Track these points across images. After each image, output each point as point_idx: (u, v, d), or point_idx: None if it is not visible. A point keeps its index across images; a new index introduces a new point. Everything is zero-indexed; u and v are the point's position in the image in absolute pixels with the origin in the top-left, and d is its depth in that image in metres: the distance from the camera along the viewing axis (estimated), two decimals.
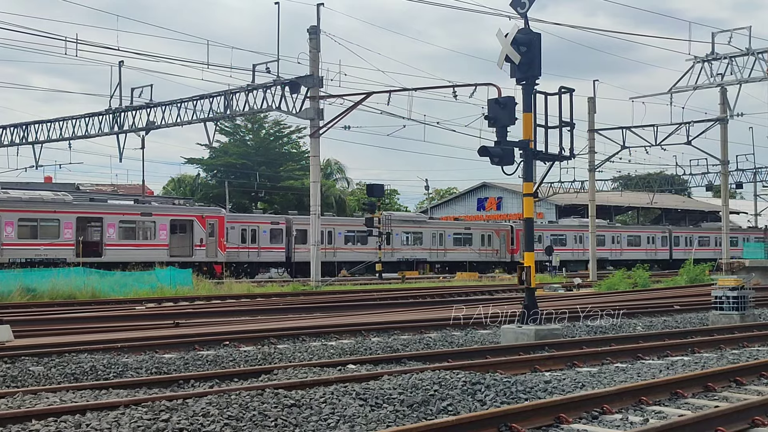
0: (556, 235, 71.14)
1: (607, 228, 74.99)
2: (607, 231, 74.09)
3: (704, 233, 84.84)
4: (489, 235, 67.07)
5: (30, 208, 42.75)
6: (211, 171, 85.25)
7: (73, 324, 20.23)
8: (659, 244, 79.23)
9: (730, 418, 8.75)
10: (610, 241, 74.21)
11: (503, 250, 67.42)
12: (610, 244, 74.20)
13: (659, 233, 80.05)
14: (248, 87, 39.51)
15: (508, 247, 67.62)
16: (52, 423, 8.28)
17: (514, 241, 67.42)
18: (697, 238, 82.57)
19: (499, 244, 67.16)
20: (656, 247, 78.74)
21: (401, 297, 31.70)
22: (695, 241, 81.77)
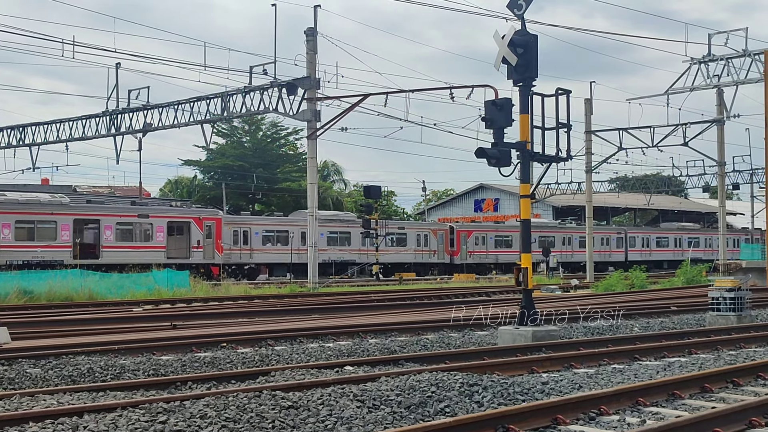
0: (501, 236, 68.58)
1: (558, 229, 72.90)
2: (557, 232, 72.04)
3: (662, 234, 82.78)
4: (426, 235, 64.05)
5: (27, 210, 42.72)
6: (208, 173, 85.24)
7: (70, 326, 20.21)
8: (614, 246, 76.51)
9: (727, 419, 8.75)
10: (560, 242, 71.71)
11: (441, 251, 64.40)
12: (560, 245, 71.46)
13: (614, 234, 77.41)
14: (245, 89, 39.53)
15: (447, 248, 64.70)
16: (49, 425, 8.27)
17: (454, 242, 64.82)
18: (654, 239, 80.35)
19: (437, 245, 63.96)
20: (611, 248, 75.80)
21: (398, 298, 31.69)
22: (653, 242, 79.90)
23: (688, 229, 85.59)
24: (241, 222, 53.93)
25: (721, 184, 55.43)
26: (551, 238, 70.50)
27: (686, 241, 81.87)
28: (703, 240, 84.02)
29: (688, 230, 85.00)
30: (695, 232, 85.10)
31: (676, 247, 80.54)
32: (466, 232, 66.15)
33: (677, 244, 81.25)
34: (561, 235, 72.09)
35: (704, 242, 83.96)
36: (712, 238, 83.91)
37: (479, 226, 70.66)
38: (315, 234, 39.82)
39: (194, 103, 41.49)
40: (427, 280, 55.09)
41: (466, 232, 66.20)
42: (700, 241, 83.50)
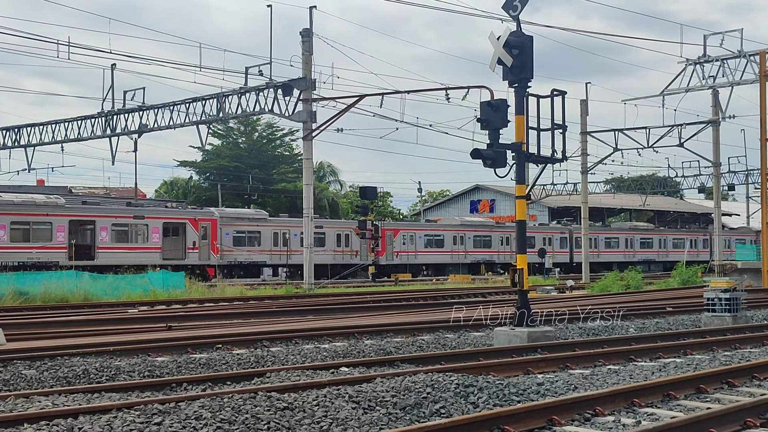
0: (432, 235, 64.68)
1: (494, 228, 69.54)
2: (493, 232, 68.72)
3: (612, 234, 78.63)
4: (347, 234, 59.41)
5: (22, 211, 42.67)
6: (204, 174, 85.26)
7: (65, 327, 20.18)
8: (557, 246, 72.64)
9: (723, 420, 8.77)
10: (498, 242, 68.49)
11: (365, 252, 59.96)
12: (498, 245, 68.34)
13: (557, 234, 73.32)
14: (241, 90, 39.50)
15: (370, 248, 60.03)
16: (44, 427, 8.26)
17: (379, 242, 60.47)
18: (603, 240, 75.96)
19: (360, 245, 59.69)
20: (554, 249, 71.64)
21: (394, 299, 31.69)
22: (601, 242, 75.60)
23: (640, 229, 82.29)
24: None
25: (717, 185, 55.52)
26: (488, 238, 67.63)
27: (638, 242, 79.05)
28: (657, 240, 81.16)
29: (641, 230, 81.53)
30: (649, 233, 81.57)
31: (627, 248, 77.01)
32: (392, 231, 62.30)
33: (628, 245, 78.07)
34: (498, 235, 68.88)
35: (659, 243, 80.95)
36: (668, 238, 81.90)
37: (407, 225, 66.66)
38: (311, 235, 39.80)
39: (190, 104, 41.46)
40: (422, 281, 55.00)
41: (393, 231, 62.38)
42: (654, 241, 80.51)
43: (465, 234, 65.92)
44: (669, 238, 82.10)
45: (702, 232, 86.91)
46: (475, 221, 70.87)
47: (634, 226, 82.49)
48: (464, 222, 68.65)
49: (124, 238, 46.53)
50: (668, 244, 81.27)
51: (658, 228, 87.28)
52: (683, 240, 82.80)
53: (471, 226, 67.94)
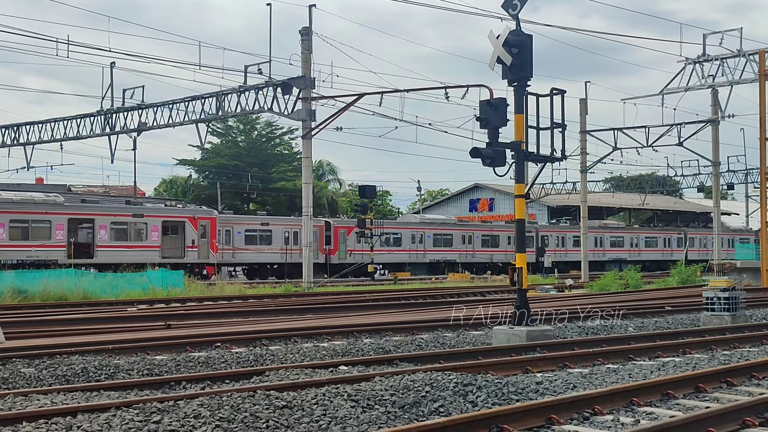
0: (389, 233, 61.08)
1: (459, 226, 67.30)
2: (455, 230, 66.21)
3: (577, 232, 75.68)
4: (296, 232, 55.17)
5: (21, 210, 42.65)
6: (203, 172, 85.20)
7: (64, 325, 20.19)
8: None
9: (721, 419, 8.76)
10: (459, 241, 65.50)
11: (315, 250, 55.29)
12: (460, 244, 65.41)
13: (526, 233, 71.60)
14: (240, 88, 39.50)
15: (321, 247, 56.83)
16: (42, 425, 8.26)
17: (331, 240, 57.66)
18: (571, 238, 72.61)
19: None
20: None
21: (393, 298, 31.69)
22: (569, 241, 72.63)
23: (611, 227, 79.78)
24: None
25: (716, 184, 55.52)
26: (449, 236, 65.03)
27: (609, 241, 76.72)
28: (629, 239, 78.32)
29: (611, 229, 78.95)
30: (620, 231, 79.26)
31: (596, 247, 73.84)
32: (345, 228, 58.80)
33: (598, 243, 74.94)
34: (460, 233, 66.14)
35: (630, 242, 78.46)
36: (640, 237, 79.97)
37: (344, 223, 61.85)
38: (310, 234, 39.80)
39: (189, 102, 41.45)
40: (421, 279, 54.97)
41: (346, 228, 58.83)
42: (625, 240, 77.75)
43: (424, 232, 63.23)
44: (641, 237, 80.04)
45: (677, 231, 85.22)
46: (435, 219, 68.16)
47: (604, 224, 79.68)
48: (424, 220, 66.13)
49: (123, 236, 46.51)
50: (641, 242, 79.38)
51: (630, 226, 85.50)
52: (656, 239, 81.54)
53: (431, 224, 65.36)
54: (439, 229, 65.15)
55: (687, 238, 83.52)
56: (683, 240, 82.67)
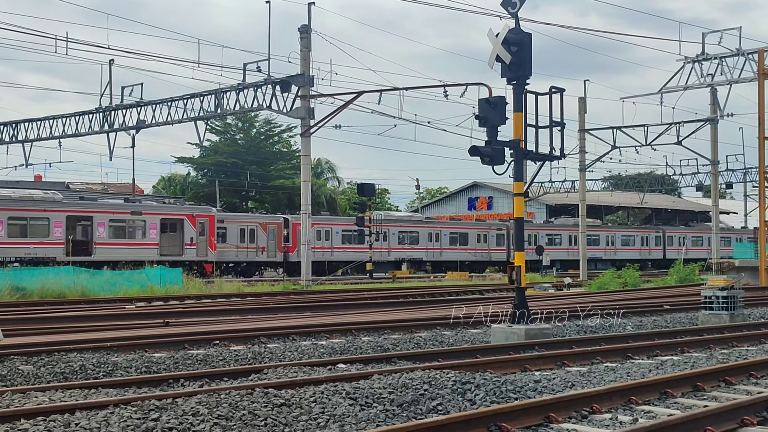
0: (349, 230, 58.97)
1: (426, 224, 65.35)
2: (422, 227, 64.22)
3: (555, 230, 74.26)
4: (252, 229, 54.50)
5: (20, 207, 42.65)
6: (202, 170, 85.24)
7: (62, 323, 20.18)
8: (494, 243, 68.29)
9: (720, 418, 8.76)
10: (426, 239, 63.78)
11: (273, 248, 55.51)
12: (426, 242, 63.74)
13: (494, 230, 68.73)
14: (239, 86, 39.49)
15: (280, 245, 55.57)
16: (41, 422, 8.25)
17: (289, 238, 55.80)
18: (545, 236, 71.79)
19: (267, 241, 55.10)
20: (489, 246, 67.79)
21: (392, 296, 31.69)
22: (542, 239, 70.87)
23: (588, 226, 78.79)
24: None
25: (715, 183, 55.50)
26: (415, 234, 63.11)
27: (619, 239, 77.00)
28: (604, 237, 76.47)
29: (588, 227, 75.32)
30: (595, 229, 75.75)
31: (570, 245, 72.36)
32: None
33: (572, 242, 72.70)
34: (426, 231, 63.94)
35: (606, 240, 76.64)
36: (617, 235, 78.29)
37: (322, 219, 59.95)
38: (308, 232, 39.79)
39: (188, 100, 41.42)
40: (419, 278, 55.00)
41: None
42: (600, 239, 75.58)
43: (388, 230, 61.07)
44: (618, 235, 78.59)
45: (655, 230, 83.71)
46: (402, 216, 66.59)
47: (575, 223, 76.11)
48: (388, 216, 64.05)
49: (122, 233, 46.50)
50: (617, 241, 77.82)
51: (605, 224, 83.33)
52: (633, 237, 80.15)
53: (395, 221, 63.41)
54: (405, 226, 63.09)
55: (666, 236, 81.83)
56: (661, 239, 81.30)
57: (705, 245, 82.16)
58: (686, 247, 78.89)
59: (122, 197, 51.47)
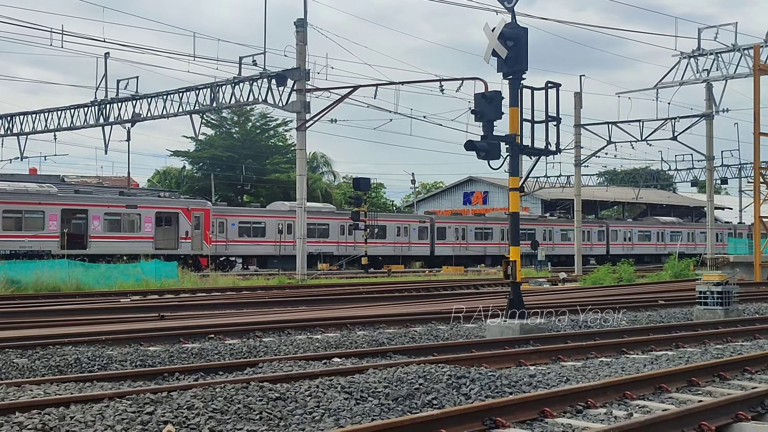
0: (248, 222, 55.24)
1: (334, 215, 61.06)
2: (332, 219, 60.22)
3: (486, 224, 70.69)
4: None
5: (14, 200, 42.58)
6: (197, 163, 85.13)
7: (57, 316, 20.16)
8: (415, 237, 64.51)
9: (714, 413, 8.77)
10: (337, 231, 59.85)
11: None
12: (338, 235, 59.92)
13: (416, 222, 65.29)
14: (235, 79, 39.45)
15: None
16: (36, 415, 8.24)
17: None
18: (473, 230, 68.24)
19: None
20: (410, 240, 64.21)
21: (387, 291, 31.70)
22: (470, 234, 67.83)
23: (551, 221, 76.22)
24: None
25: (710, 179, 55.60)
26: (324, 227, 59.77)
27: (559, 234, 73.18)
28: (545, 232, 72.80)
29: (557, 222, 75.17)
30: (531, 223, 72.32)
31: (503, 240, 68.78)
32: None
33: (502, 236, 69.56)
34: (338, 222, 60.38)
35: (548, 235, 73.02)
36: (554, 229, 74.22)
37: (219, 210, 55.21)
38: (304, 226, 39.79)
39: (183, 93, 41.39)
40: (415, 272, 55.02)
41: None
42: (536, 233, 70.79)
43: (293, 222, 53.49)
44: (556, 230, 74.45)
45: (598, 224, 79.08)
46: (311, 207, 59.70)
47: (527, 216, 74.58)
48: (292, 208, 55.24)
49: (117, 227, 46.45)
50: (555, 236, 74.18)
51: (543, 217, 79.33)
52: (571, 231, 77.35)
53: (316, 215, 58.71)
54: (313, 218, 57.15)
55: (609, 231, 78.37)
56: (604, 233, 77.44)
57: (653, 240, 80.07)
58: (633, 243, 77.57)
59: (117, 191, 51.38)
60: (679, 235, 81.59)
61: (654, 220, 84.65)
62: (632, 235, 78.80)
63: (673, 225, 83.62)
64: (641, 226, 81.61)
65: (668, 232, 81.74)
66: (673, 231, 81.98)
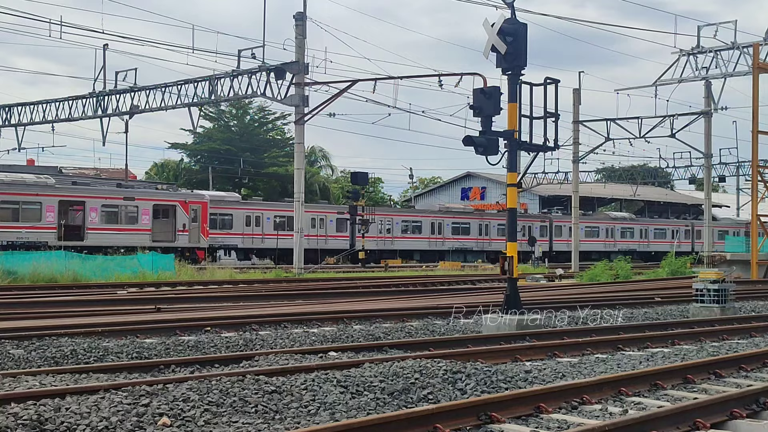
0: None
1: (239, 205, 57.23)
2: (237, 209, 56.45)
3: (415, 217, 67.65)
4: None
5: (12, 191, 42.53)
6: (195, 156, 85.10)
7: (54, 308, 20.15)
8: (332, 230, 60.18)
9: (709, 410, 8.79)
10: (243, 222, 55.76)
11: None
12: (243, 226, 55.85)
13: (335, 214, 60.56)
14: (233, 72, 39.39)
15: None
16: (31, 406, 8.23)
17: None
18: (399, 223, 64.41)
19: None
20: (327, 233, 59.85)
21: (383, 285, 31.70)
22: (397, 227, 63.99)
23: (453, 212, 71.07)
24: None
25: (708, 177, 55.64)
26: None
27: (450, 228, 67.80)
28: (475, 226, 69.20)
29: (453, 214, 69.59)
30: (466, 217, 69.40)
31: (480, 236, 68.78)
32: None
33: (481, 231, 69.30)
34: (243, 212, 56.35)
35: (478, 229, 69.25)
36: (491, 223, 70.28)
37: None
38: (301, 220, 39.77)
39: (182, 85, 41.34)
40: (412, 267, 55.06)
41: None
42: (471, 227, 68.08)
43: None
44: (493, 224, 70.77)
45: (540, 218, 74.82)
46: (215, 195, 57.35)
47: (446, 208, 71.53)
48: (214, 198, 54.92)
49: (114, 219, 46.42)
50: (491, 231, 70.67)
51: (480, 211, 74.27)
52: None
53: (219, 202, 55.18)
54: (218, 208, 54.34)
55: (553, 226, 73.99)
56: (547, 229, 73.32)
57: (602, 237, 76.88)
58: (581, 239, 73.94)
59: (115, 182, 51.35)
60: (630, 231, 79.25)
61: (604, 215, 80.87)
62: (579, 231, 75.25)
63: (624, 221, 79.95)
64: (588, 221, 76.32)
65: (618, 229, 78.74)
66: (624, 227, 79.07)
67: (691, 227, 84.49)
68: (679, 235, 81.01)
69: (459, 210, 71.17)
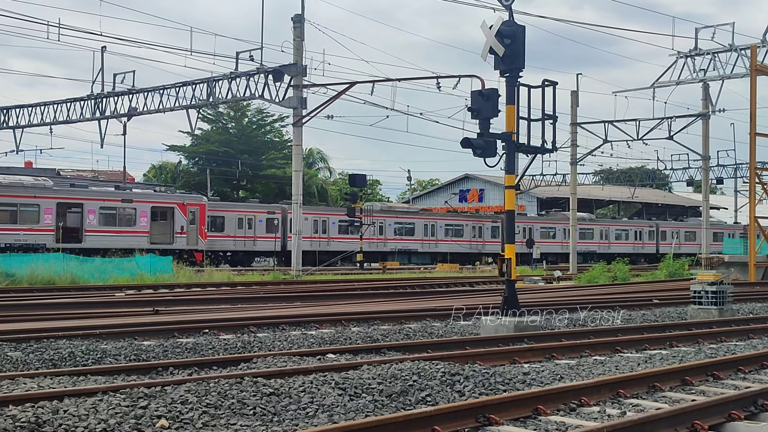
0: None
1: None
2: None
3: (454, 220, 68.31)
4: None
5: (10, 193, 42.51)
6: (193, 158, 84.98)
7: (52, 310, 20.14)
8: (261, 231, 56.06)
9: (707, 412, 8.79)
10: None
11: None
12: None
13: (265, 214, 56.90)
14: (231, 74, 39.41)
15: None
16: (29, 408, 8.23)
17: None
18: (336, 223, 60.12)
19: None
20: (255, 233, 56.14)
21: (382, 287, 31.70)
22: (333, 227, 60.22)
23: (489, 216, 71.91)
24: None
25: (705, 179, 55.66)
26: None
27: (489, 231, 68.80)
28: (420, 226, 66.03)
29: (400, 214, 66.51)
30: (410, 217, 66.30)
31: (473, 238, 67.84)
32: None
33: (476, 233, 68.35)
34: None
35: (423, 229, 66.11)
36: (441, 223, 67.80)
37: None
38: (300, 222, 39.78)
39: (180, 88, 41.34)
40: (410, 269, 55.06)
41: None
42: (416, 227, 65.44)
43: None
44: (441, 225, 67.90)
45: (491, 219, 71.40)
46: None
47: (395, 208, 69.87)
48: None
49: (112, 221, 46.40)
50: (446, 231, 68.21)
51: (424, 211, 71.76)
52: (461, 227, 69.59)
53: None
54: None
55: (531, 230, 71.87)
56: (499, 230, 69.19)
57: (559, 238, 73.35)
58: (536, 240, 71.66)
59: (113, 185, 51.31)
60: (590, 232, 76.85)
61: (561, 216, 74.92)
62: (531, 232, 71.08)
63: (583, 221, 74.30)
64: (544, 222, 74.57)
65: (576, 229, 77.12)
66: (583, 228, 74.24)
67: (655, 228, 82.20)
68: (642, 237, 79.68)
69: (402, 210, 68.46)
